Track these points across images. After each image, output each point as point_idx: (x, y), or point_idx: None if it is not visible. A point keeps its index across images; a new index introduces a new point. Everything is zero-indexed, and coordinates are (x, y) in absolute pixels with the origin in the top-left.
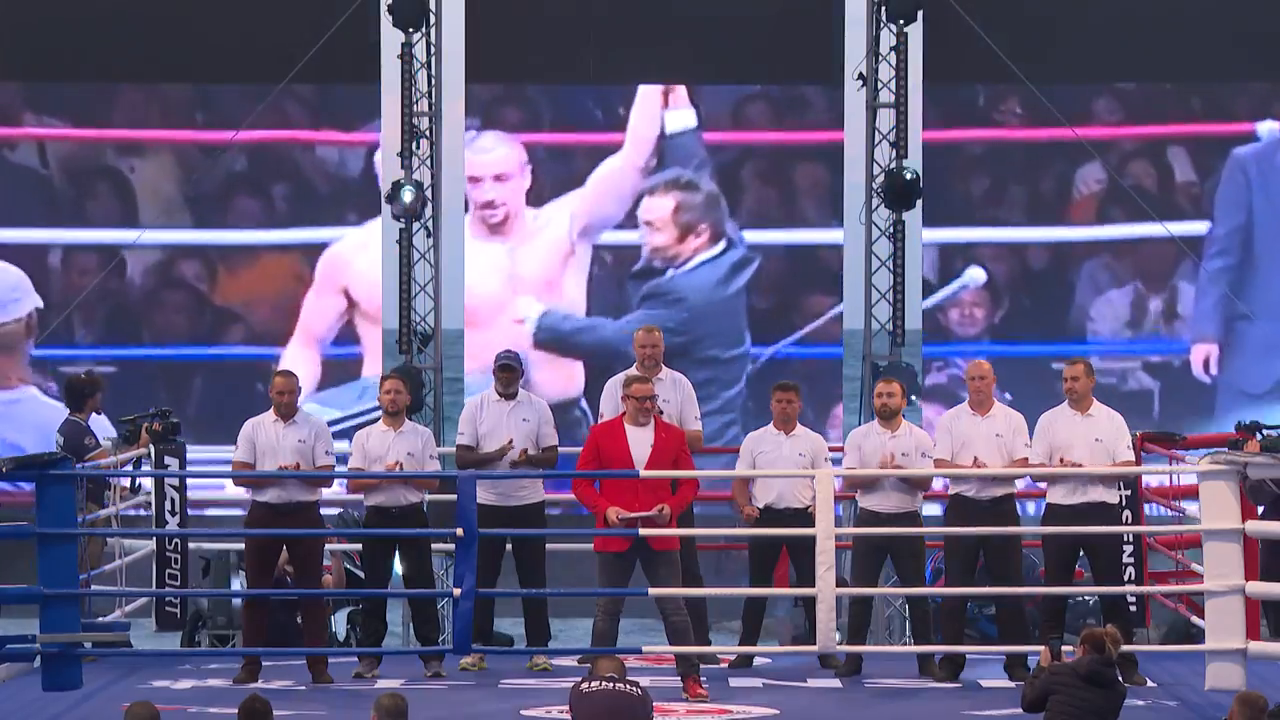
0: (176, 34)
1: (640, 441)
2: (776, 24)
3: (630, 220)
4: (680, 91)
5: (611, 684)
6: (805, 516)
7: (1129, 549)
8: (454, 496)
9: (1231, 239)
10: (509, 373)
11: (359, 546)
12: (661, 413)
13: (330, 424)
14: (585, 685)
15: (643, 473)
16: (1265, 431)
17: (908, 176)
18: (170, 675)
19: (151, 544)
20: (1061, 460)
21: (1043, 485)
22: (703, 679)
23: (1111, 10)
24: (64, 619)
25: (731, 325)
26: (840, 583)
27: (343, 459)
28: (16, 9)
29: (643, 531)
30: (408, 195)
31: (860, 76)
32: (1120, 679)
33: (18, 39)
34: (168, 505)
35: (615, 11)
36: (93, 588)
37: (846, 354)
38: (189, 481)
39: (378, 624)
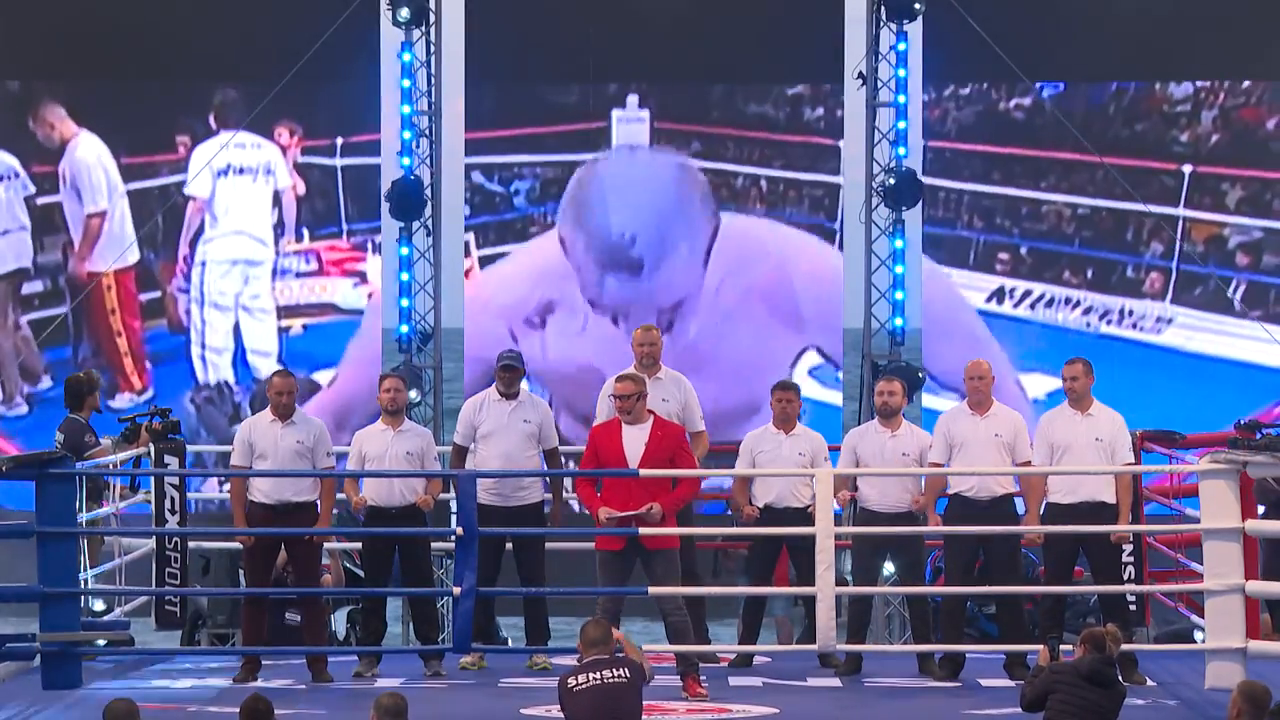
0: (176, 33)
1: (634, 440)
2: (777, 24)
3: None
4: None
5: (598, 673)
6: (805, 516)
7: (1128, 548)
8: (453, 495)
9: None
10: (511, 372)
11: (358, 545)
12: (654, 411)
13: None
14: (572, 681)
15: (642, 472)
16: (1265, 430)
17: (908, 174)
18: (170, 674)
19: (151, 543)
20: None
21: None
22: (702, 678)
23: (1112, 9)
24: (64, 617)
25: None
26: (840, 581)
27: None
28: (14, 8)
29: (642, 531)
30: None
31: (860, 76)
32: (1120, 678)
33: (16, 38)
34: (167, 504)
35: (615, 11)
36: (92, 586)
37: (846, 353)
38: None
39: (377, 623)
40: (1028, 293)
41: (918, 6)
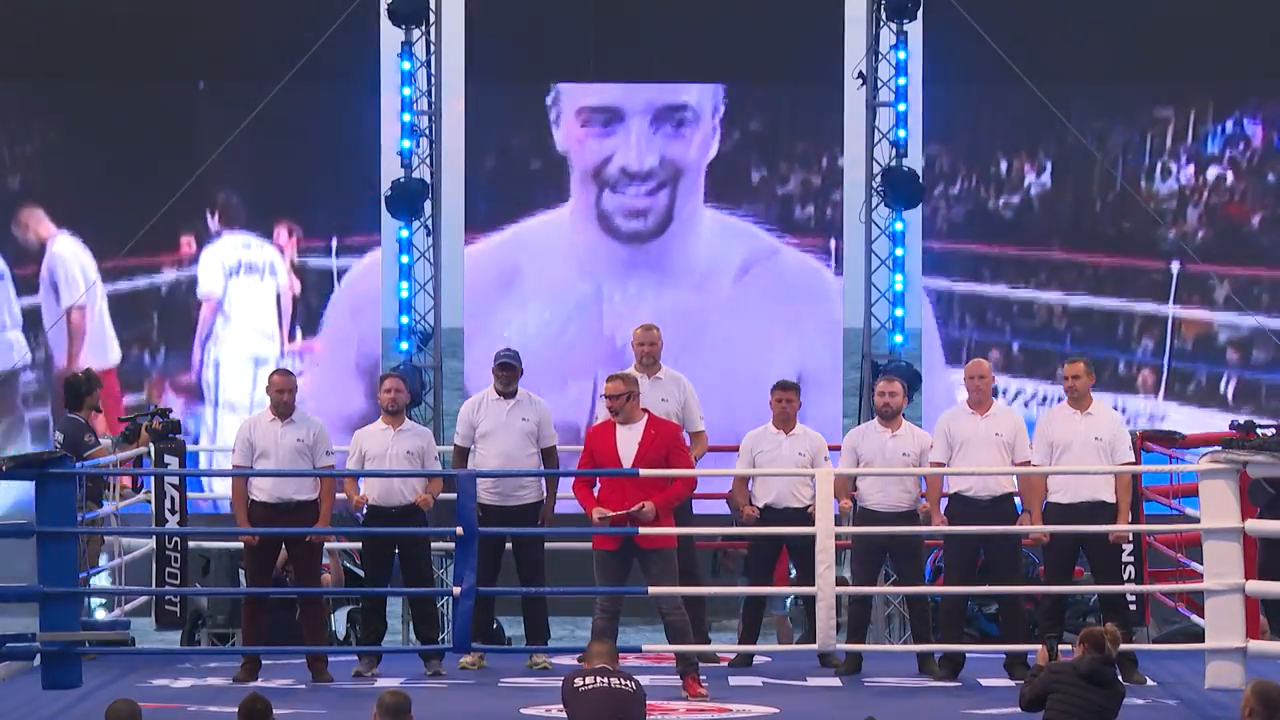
0: (175, 33)
1: (628, 440)
2: (777, 24)
3: None
4: None
5: (605, 679)
6: (805, 516)
7: (1129, 548)
8: (453, 495)
9: None
10: (508, 371)
11: (358, 545)
12: (649, 410)
13: None
14: (579, 681)
15: (642, 472)
16: (1260, 431)
17: (908, 174)
18: (170, 674)
19: (151, 542)
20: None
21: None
22: (702, 678)
23: (1113, 9)
24: (64, 617)
25: None
26: (840, 581)
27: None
28: (12, 8)
29: (642, 531)
30: None
31: (860, 76)
32: (1120, 678)
33: (15, 38)
34: (167, 504)
35: (615, 11)
36: (92, 586)
37: (846, 353)
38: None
39: (377, 623)
40: (1020, 390)
41: (910, 6)
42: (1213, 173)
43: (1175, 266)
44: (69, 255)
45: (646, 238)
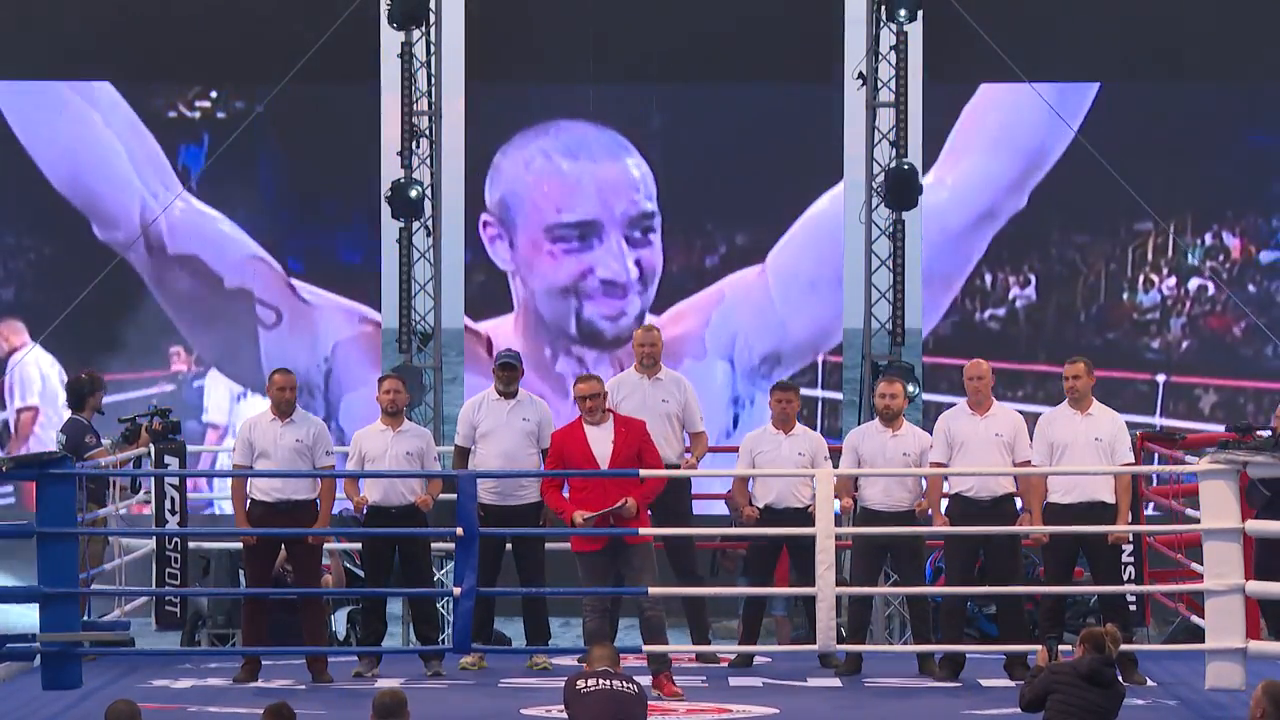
0: (175, 33)
1: (600, 439)
2: (776, 24)
3: None
4: None
5: (608, 682)
6: (805, 516)
7: (1129, 548)
8: (453, 496)
9: None
10: (509, 371)
11: (358, 545)
12: (613, 409)
13: None
14: (581, 684)
15: (641, 473)
16: (1257, 433)
17: (908, 173)
18: (170, 674)
19: (151, 543)
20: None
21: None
22: (703, 678)
23: (1112, 9)
24: (64, 618)
25: None
26: (840, 582)
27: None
28: (11, 7)
29: (642, 531)
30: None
31: (860, 76)
32: (1120, 678)
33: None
34: (167, 504)
35: (615, 11)
36: (93, 587)
37: (846, 353)
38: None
39: (377, 623)
40: None
41: (903, 13)
42: (1194, 284)
43: (1161, 379)
44: (29, 360)
45: (626, 340)
